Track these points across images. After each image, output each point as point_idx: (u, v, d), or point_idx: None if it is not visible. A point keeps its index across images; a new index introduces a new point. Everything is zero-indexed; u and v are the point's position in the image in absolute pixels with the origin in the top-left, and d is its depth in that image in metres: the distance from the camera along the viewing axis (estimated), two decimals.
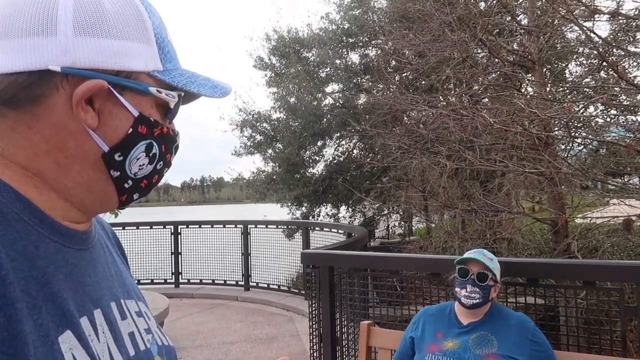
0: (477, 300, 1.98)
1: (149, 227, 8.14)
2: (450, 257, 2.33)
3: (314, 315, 3.11)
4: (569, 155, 6.96)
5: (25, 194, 0.54)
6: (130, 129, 0.59)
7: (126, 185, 0.61)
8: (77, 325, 0.53)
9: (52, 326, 0.50)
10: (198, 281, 8.00)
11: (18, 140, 0.55)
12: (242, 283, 7.77)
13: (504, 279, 2.49)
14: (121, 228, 7.88)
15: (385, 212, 14.60)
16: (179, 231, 8.11)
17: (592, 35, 5.31)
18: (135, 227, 8.06)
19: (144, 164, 0.61)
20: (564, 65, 9.52)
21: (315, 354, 3.12)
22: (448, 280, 2.26)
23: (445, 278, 2.39)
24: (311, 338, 3.14)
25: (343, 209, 14.89)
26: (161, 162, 0.64)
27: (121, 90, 0.57)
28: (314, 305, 3.12)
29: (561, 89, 7.88)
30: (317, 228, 7.56)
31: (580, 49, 8.18)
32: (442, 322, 2.10)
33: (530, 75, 7.64)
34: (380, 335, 2.46)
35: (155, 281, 7.96)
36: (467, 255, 2.06)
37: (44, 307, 0.50)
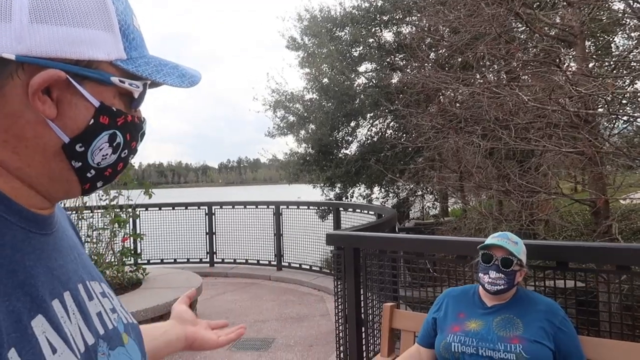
0: (502, 287, 1.92)
1: (184, 207, 8.34)
2: (476, 239, 2.27)
3: (339, 297, 3.12)
4: (611, 133, 6.64)
5: None
6: (92, 120, 0.57)
7: (89, 175, 0.60)
8: (48, 309, 0.53)
9: (24, 312, 0.50)
10: (232, 261, 8.17)
11: None
12: (275, 263, 7.88)
13: (534, 263, 2.41)
14: (157, 209, 8.11)
15: (419, 193, 14.42)
16: (213, 212, 8.27)
17: None
18: (171, 208, 8.27)
19: (107, 154, 0.60)
20: (609, 38, 9.03)
21: (340, 334, 3.14)
22: (471, 265, 2.21)
23: (470, 260, 2.34)
24: (336, 319, 3.16)
25: (376, 189, 14.81)
26: (126, 151, 0.62)
27: (81, 80, 0.55)
28: (339, 286, 3.13)
29: (606, 63, 7.48)
30: (349, 209, 7.55)
31: (628, 21, 7.72)
32: (465, 303, 2.06)
33: (572, 50, 7.29)
34: (404, 317, 2.45)
35: (191, 260, 8.17)
36: (490, 240, 1.99)
37: (13, 294, 0.50)
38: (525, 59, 7.20)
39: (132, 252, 6.00)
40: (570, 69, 6.92)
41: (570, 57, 7.24)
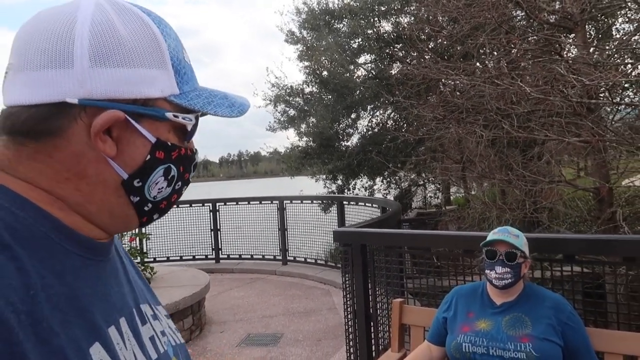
0: (509, 280, 1.95)
1: (188, 205, 8.36)
2: (479, 233, 2.29)
3: (347, 292, 3.15)
4: (614, 120, 6.63)
5: (52, 213, 0.56)
6: (149, 156, 0.59)
7: (146, 209, 0.62)
8: (105, 336, 0.55)
9: (83, 339, 0.52)
10: (237, 256, 8.21)
11: (39, 168, 0.56)
12: (280, 258, 7.92)
13: (539, 257, 2.43)
14: None
15: (421, 183, 14.45)
16: (217, 208, 8.30)
17: None
18: (175, 206, 8.27)
19: (162, 187, 0.62)
20: (610, 22, 8.98)
21: (350, 329, 3.17)
22: (476, 262, 2.22)
23: (477, 255, 2.36)
24: (345, 314, 3.19)
25: (378, 181, 14.83)
26: (179, 183, 0.64)
27: (138, 117, 0.57)
28: (347, 281, 3.16)
29: (607, 48, 7.45)
30: (352, 202, 7.57)
31: (629, 4, 7.67)
32: (474, 302, 2.07)
33: (572, 36, 7.26)
34: (413, 313, 2.47)
35: (196, 257, 8.22)
36: (492, 237, 2.01)
37: (74, 321, 0.51)
38: (526, 47, 7.18)
39: (139, 251, 6.04)
40: (570, 54, 6.89)
41: (570, 44, 7.21)
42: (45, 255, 0.52)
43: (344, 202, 7.57)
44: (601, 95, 6.27)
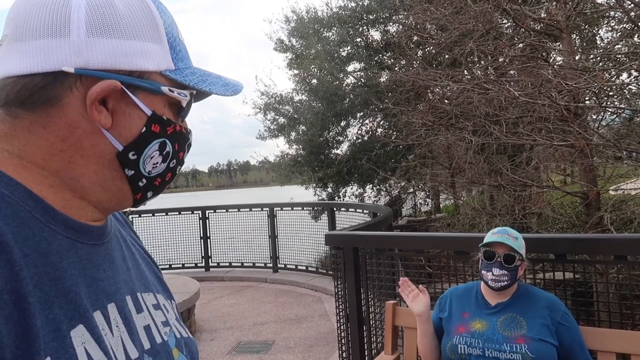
0: (506, 282, 1.93)
1: (177, 212, 8.29)
2: (472, 235, 2.29)
3: (340, 296, 3.13)
4: (600, 125, 6.72)
5: (39, 193, 0.55)
6: (144, 128, 0.59)
7: (140, 184, 0.62)
8: (90, 319, 0.53)
9: (64, 320, 0.50)
10: (227, 264, 8.15)
11: (34, 140, 0.55)
12: (271, 265, 7.87)
13: (531, 256, 2.44)
14: (150, 215, 8.06)
15: (411, 190, 14.50)
16: (207, 216, 8.24)
17: None
18: (164, 214, 8.22)
19: (157, 163, 0.62)
20: (594, 31, 9.15)
21: (342, 334, 3.14)
22: (473, 261, 2.22)
23: (471, 256, 2.36)
24: (338, 318, 3.17)
25: (368, 188, 14.85)
26: (174, 161, 0.64)
27: (134, 90, 0.58)
28: (339, 286, 3.14)
29: (592, 56, 7.58)
30: (342, 209, 7.56)
31: (612, 13, 7.82)
32: (469, 303, 2.06)
33: (558, 44, 7.37)
34: (406, 315, 2.46)
35: (186, 265, 8.14)
36: (491, 238, 1.99)
37: (56, 302, 0.50)
38: (513, 54, 7.27)
39: None
40: (557, 62, 7.00)
41: (557, 51, 7.32)
42: (30, 234, 0.51)
43: (335, 209, 7.56)
44: (587, 100, 6.36)
